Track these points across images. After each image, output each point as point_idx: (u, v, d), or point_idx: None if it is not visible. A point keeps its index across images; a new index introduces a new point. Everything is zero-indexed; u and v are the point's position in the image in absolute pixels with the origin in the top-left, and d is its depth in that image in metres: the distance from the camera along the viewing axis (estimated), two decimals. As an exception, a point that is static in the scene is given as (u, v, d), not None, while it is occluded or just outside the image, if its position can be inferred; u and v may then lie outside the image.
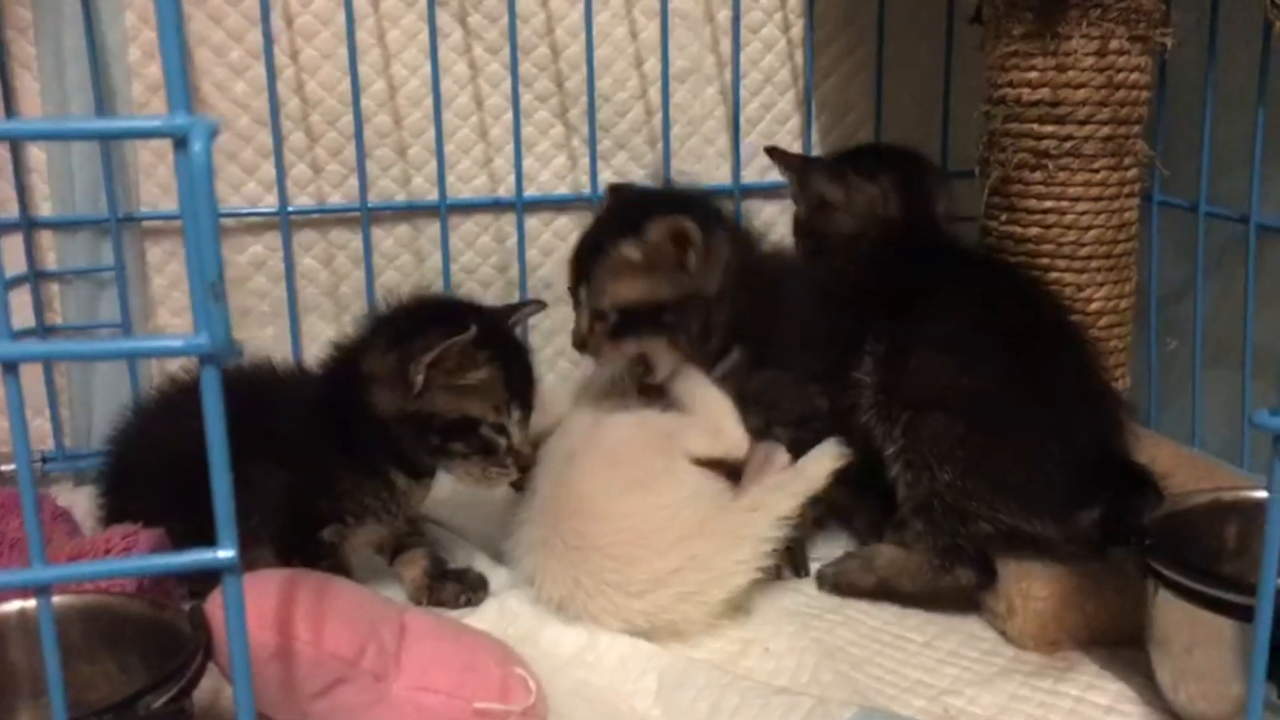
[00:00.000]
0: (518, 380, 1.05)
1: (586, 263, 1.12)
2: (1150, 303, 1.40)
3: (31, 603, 0.81)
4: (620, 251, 1.09)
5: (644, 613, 1.02)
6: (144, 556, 0.85)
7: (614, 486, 1.07)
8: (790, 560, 1.14)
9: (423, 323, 1.04)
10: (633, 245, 1.09)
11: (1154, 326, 1.41)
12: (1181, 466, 1.26)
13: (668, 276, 1.09)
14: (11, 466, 1.36)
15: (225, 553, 0.59)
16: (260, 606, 0.79)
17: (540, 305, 1.20)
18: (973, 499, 1.03)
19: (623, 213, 1.15)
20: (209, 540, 0.78)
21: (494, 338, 1.04)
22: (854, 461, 1.10)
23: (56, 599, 0.82)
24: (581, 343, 1.13)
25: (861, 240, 1.19)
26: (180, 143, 0.55)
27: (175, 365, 1.35)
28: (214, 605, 0.77)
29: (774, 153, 1.29)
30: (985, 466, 1.03)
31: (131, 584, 0.87)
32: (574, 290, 1.14)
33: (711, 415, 1.11)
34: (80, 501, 1.27)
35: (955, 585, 1.06)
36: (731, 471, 1.11)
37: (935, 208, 1.22)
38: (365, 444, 1.04)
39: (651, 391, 1.15)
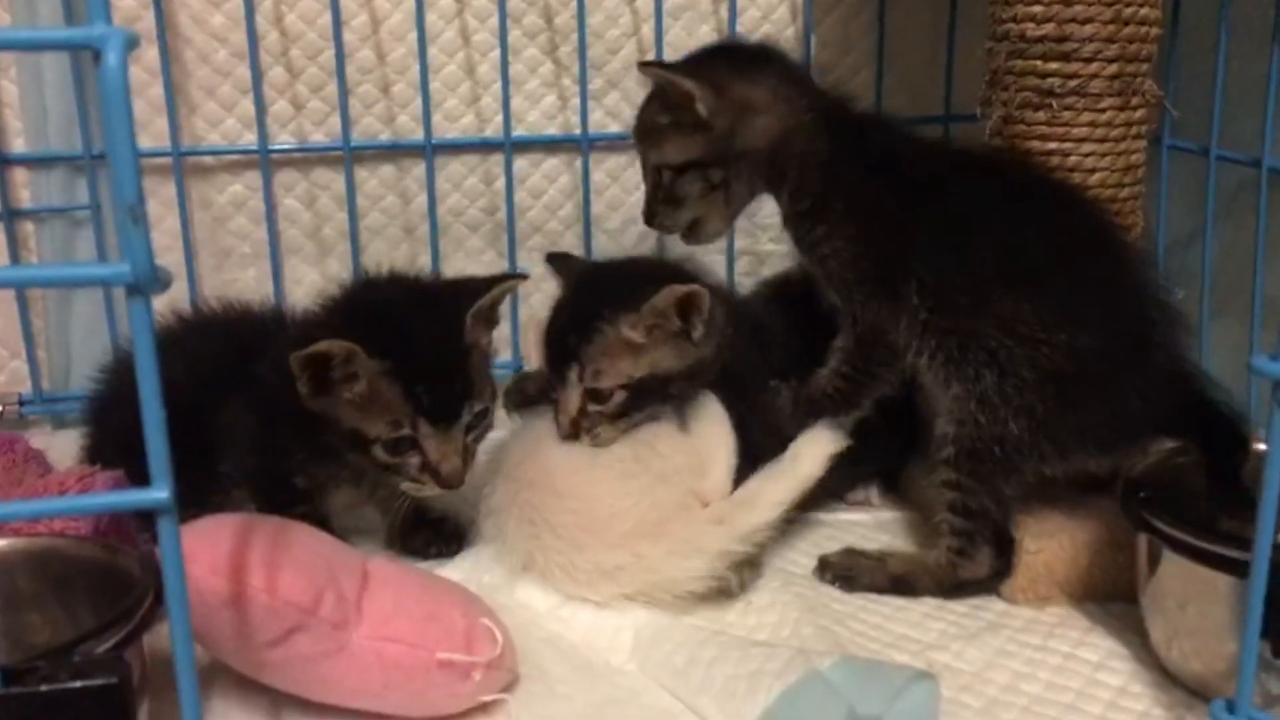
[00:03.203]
0: (432, 391, 0.94)
1: (574, 343, 1.01)
2: (1158, 250, 1.35)
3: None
4: (620, 331, 0.99)
5: (594, 594, 0.98)
6: (77, 496, 0.82)
7: (579, 462, 1.01)
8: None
9: (333, 319, 0.96)
10: (631, 323, 0.99)
11: (1162, 275, 1.36)
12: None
13: (673, 348, 1.01)
14: (-4, 408, 1.35)
15: (158, 493, 0.56)
16: (213, 552, 0.76)
17: (520, 278, 1.08)
18: (1040, 447, 0.97)
19: (605, 288, 1.04)
20: (184, 484, 0.75)
21: (403, 345, 0.94)
22: (851, 448, 1.03)
23: (6, 542, 0.80)
24: (573, 429, 1.02)
25: (788, 149, 1.05)
26: (96, 56, 0.52)
27: (157, 306, 1.33)
28: (164, 549, 0.74)
29: (656, 66, 1.10)
30: (1063, 416, 0.96)
31: (87, 527, 0.84)
32: (559, 371, 1.02)
33: (706, 452, 1.04)
34: (58, 444, 1.25)
35: (976, 575, 1.00)
36: None
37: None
38: (316, 424, 0.97)
39: None
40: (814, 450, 1.02)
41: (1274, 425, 0.64)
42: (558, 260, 1.12)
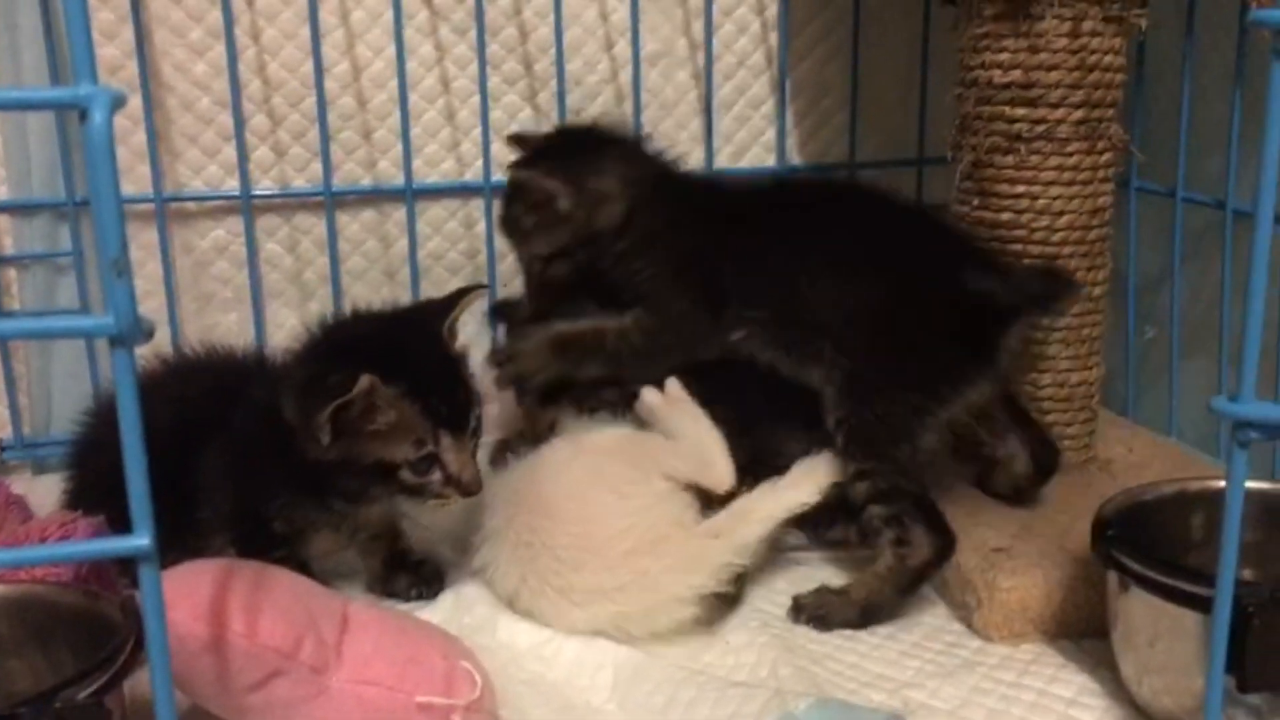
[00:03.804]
0: (444, 404, 0.97)
1: None
2: (1129, 290, 1.38)
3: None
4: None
5: (586, 621, 0.99)
6: (58, 544, 0.83)
7: (576, 486, 1.04)
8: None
9: (328, 362, 0.97)
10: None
11: (1132, 314, 1.39)
12: (1158, 456, 1.25)
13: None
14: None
15: (139, 540, 0.57)
16: (193, 597, 0.77)
17: (482, 289, 1.13)
18: (908, 396, 1.04)
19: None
20: (164, 528, 0.75)
21: (410, 367, 0.96)
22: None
23: (-15, 589, 0.80)
24: None
25: (633, 221, 1.15)
26: (82, 114, 0.53)
27: (143, 351, 1.34)
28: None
29: (520, 168, 1.19)
30: (904, 353, 1.05)
31: (68, 573, 0.85)
32: None
33: (700, 445, 1.07)
34: (39, 489, 1.25)
35: (923, 559, 1.02)
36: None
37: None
38: (300, 468, 0.98)
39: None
40: (813, 476, 1.05)
41: (1233, 465, 0.66)
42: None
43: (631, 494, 1.03)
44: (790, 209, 1.16)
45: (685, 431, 1.08)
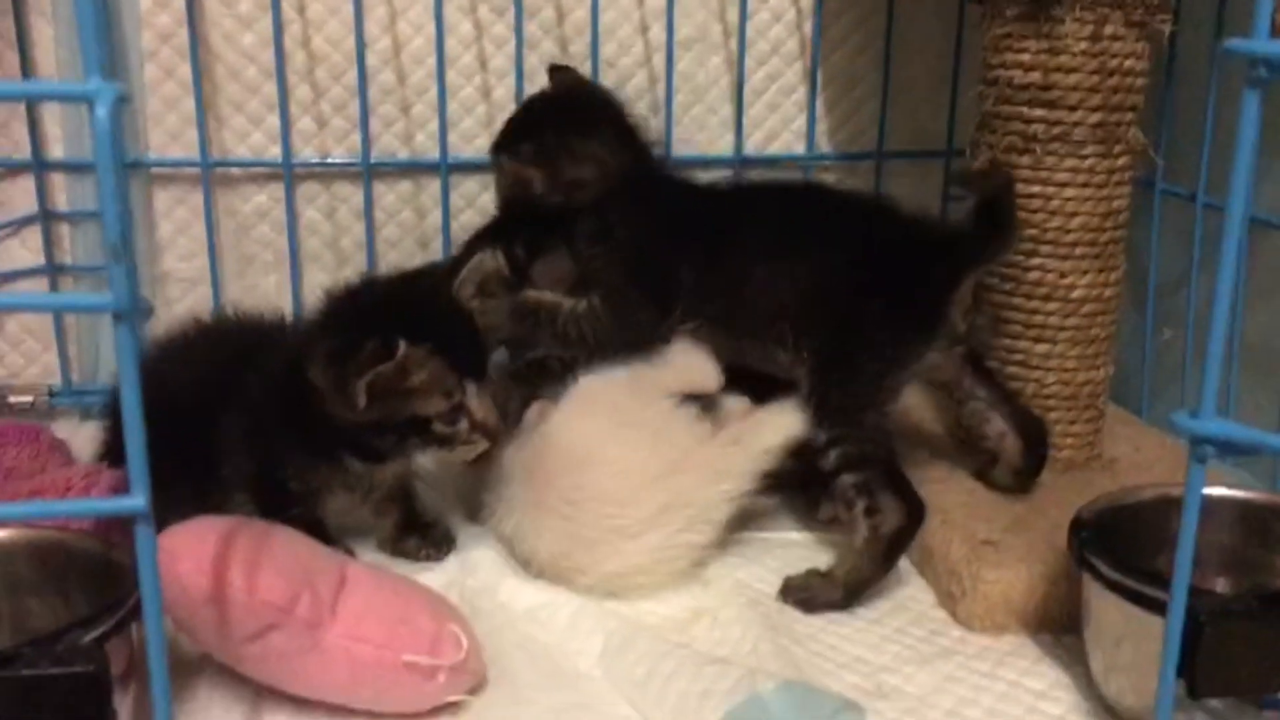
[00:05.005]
0: (464, 355, 1.03)
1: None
2: (1149, 292, 1.38)
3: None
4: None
5: (639, 550, 1.05)
6: (57, 501, 0.89)
7: (596, 434, 1.10)
8: None
9: (359, 327, 1.00)
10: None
11: (1150, 316, 1.39)
12: (1164, 457, 1.26)
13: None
14: (19, 399, 1.42)
15: (134, 501, 0.62)
16: (198, 551, 0.82)
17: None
18: (862, 358, 1.09)
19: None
20: (190, 480, 0.79)
21: (430, 324, 1.02)
22: None
23: (10, 533, 0.86)
24: None
25: (601, 204, 1.21)
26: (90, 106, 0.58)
27: (182, 308, 1.41)
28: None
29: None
30: (851, 323, 1.10)
31: (89, 522, 0.90)
32: None
33: (680, 353, 1.15)
34: (84, 434, 1.32)
35: (896, 525, 1.05)
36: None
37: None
38: (318, 432, 1.03)
39: None
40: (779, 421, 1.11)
41: (1191, 479, 0.68)
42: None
43: (645, 420, 1.10)
44: (745, 209, 1.22)
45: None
